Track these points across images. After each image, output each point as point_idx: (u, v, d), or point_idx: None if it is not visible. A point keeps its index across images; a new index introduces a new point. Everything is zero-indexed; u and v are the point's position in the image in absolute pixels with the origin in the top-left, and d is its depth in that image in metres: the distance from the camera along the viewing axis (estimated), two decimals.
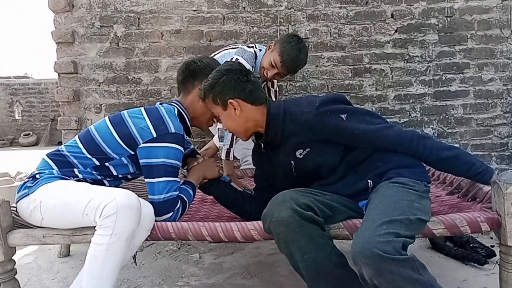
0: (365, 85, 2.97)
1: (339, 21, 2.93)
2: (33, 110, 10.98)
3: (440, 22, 2.94)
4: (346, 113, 1.45)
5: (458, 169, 1.50)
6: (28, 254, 2.44)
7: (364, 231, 1.20)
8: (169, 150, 1.51)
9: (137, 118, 1.56)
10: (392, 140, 1.45)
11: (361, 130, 1.43)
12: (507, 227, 1.35)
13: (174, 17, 2.90)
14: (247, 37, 2.92)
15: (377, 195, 1.36)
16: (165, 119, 1.54)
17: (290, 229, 1.29)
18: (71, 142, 1.61)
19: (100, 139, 1.56)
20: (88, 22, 2.91)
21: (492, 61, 2.96)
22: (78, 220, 1.42)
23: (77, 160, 1.56)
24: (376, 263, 1.12)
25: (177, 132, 1.53)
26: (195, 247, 2.47)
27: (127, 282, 2.02)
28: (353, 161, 1.50)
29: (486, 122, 2.99)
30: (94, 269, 1.35)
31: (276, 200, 1.35)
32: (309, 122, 1.45)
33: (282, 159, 1.56)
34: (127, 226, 1.35)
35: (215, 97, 1.54)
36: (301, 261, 1.31)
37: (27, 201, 1.49)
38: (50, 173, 1.52)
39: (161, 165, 1.50)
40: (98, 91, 2.96)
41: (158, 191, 1.50)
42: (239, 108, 1.52)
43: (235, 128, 1.59)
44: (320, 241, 1.30)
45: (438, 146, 1.47)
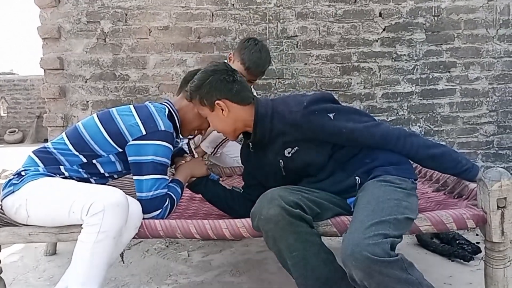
0: (354, 83, 2.98)
1: (328, 19, 2.94)
2: (18, 107, 10.81)
3: (427, 21, 2.96)
4: (334, 112, 1.46)
5: (444, 166, 1.52)
6: (14, 253, 2.41)
7: (353, 233, 1.21)
8: (158, 148, 1.50)
9: (126, 116, 1.54)
10: (379, 139, 1.46)
11: (348, 129, 1.44)
12: (492, 223, 1.38)
13: (162, 13, 2.88)
14: (236, 34, 2.91)
15: (365, 195, 1.36)
16: (155, 117, 1.53)
17: (279, 227, 1.29)
18: (58, 139, 1.59)
19: (88, 136, 1.54)
20: (74, 17, 2.87)
21: (478, 60, 3.00)
22: (64, 218, 1.40)
23: (64, 157, 1.54)
24: (366, 265, 1.14)
25: (166, 130, 1.53)
26: (183, 245, 2.46)
27: (114, 280, 2.01)
28: (341, 158, 1.51)
29: (472, 121, 3.03)
30: (81, 267, 1.34)
31: (265, 198, 1.35)
32: (297, 122, 1.45)
33: (271, 158, 1.55)
34: (114, 224, 1.34)
35: (202, 98, 1.53)
36: (289, 258, 1.31)
37: (12, 198, 1.46)
38: (35, 170, 1.50)
39: (150, 163, 1.49)
40: (84, 88, 2.92)
41: (146, 189, 1.49)
42: (227, 109, 1.51)
43: (223, 129, 1.58)
44: (308, 238, 1.31)
45: (424, 144, 1.48)
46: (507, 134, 3.04)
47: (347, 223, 1.38)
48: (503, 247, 1.39)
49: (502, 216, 1.38)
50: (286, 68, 2.95)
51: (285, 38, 2.94)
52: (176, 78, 2.91)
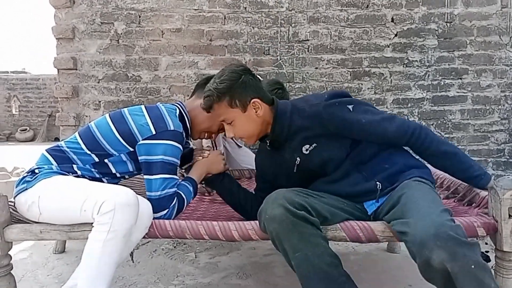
0: (364, 88, 2.98)
1: (340, 24, 2.94)
2: (30, 105, 10.93)
3: (439, 28, 2.95)
4: (352, 104, 1.49)
5: (455, 167, 1.50)
6: (24, 250, 2.43)
7: (430, 216, 1.19)
8: (167, 147, 1.51)
9: (137, 116, 1.56)
10: (397, 128, 1.47)
11: (367, 119, 1.46)
12: (503, 232, 1.36)
13: (175, 16, 2.91)
14: (247, 37, 2.92)
15: (411, 189, 1.36)
16: (165, 117, 1.55)
17: (283, 227, 1.29)
18: (71, 138, 1.61)
19: (100, 135, 1.56)
20: (88, 18, 2.91)
21: (490, 67, 2.98)
22: (76, 216, 1.41)
23: (77, 156, 1.56)
24: (451, 246, 1.12)
25: (176, 130, 1.54)
26: (191, 246, 2.47)
27: (122, 279, 2.02)
28: (358, 159, 1.50)
29: (484, 128, 3.01)
30: (90, 265, 1.35)
31: (270, 198, 1.35)
32: (319, 113, 1.46)
33: (287, 157, 1.55)
34: (125, 223, 1.35)
35: (233, 98, 1.47)
36: (293, 258, 1.31)
37: (25, 196, 1.48)
38: (49, 168, 1.52)
39: (159, 162, 1.50)
40: (97, 88, 2.95)
41: (155, 188, 1.50)
42: (261, 107, 1.50)
43: (252, 131, 1.53)
44: (312, 240, 1.30)
45: (439, 139, 1.49)
46: None
47: (356, 228, 1.38)
48: None
49: None
50: (296, 72, 2.96)
51: (297, 42, 2.95)
52: (188, 80, 2.93)
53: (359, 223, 1.39)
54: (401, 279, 1.99)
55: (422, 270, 1.20)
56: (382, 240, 1.40)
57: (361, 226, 1.38)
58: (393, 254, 2.30)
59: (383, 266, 2.15)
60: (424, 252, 1.14)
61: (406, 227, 1.22)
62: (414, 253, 1.19)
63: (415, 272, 2.06)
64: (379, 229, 1.37)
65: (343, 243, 2.34)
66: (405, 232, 1.22)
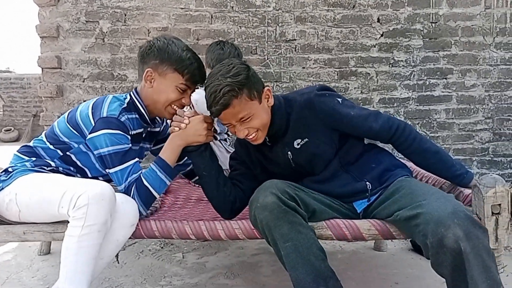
0: (351, 88, 2.99)
1: (326, 24, 2.95)
2: (15, 105, 10.75)
3: (425, 28, 2.98)
4: (341, 98, 1.53)
5: (437, 165, 1.52)
6: (8, 252, 2.40)
7: (445, 197, 1.25)
8: (104, 138, 1.45)
9: (85, 105, 1.55)
10: (382, 123, 1.49)
11: (355, 112, 1.49)
12: (487, 229, 1.38)
13: (162, 14, 2.89)
14: (234, 36, 2.91)
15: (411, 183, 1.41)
16: (103, 104, 1.50)
17: (274, 214, 1.30)
18: (38, 137, 1.64)
19: (58, 129, 1.58)
20: (73, 16, 2.87)
21: (475, 67, 3.02)
22: (55, 212, 1.39)
23: (43, 151, 1.59)
24: (468, 225, 1.16)
25: (108, 115, 1.46)
26: (178, 247, 2.45)
27: (108, 281, 2.00)
28: (345, 159, 1.53)
29: (468, 127, 3.05)
30: (68, 262, 1.33)
31: (262, 187, 1.37)
32: (311, 101, 1.48)
33: (279, 151, 1.54)
34: (99, 217, 1.33)
35: (252, 89, 1.38)
36: (282, 248, 1.31)
37: (2, 195, 1.47)
38: (23, 165, 1.53)
39: (107, 155, 1.47)
40: (82, 87, 2.92)
41: (118, 181, 1.48)
42: (270, 95, 1.49)
43: (267, 122, 1.45)
44: (301, 230, 1.31)
45: (422, 137, 1.53)
46: (502, 142, 3.06)
47: (342, 226, 1.39)
48: (497, 254, 1.39)
49: (496, 223, 1.38)
50: (284, 71, 2.96)
51: (284, 41, 2.95)
52: None
53: (345, 221, 1.40)
54: (387, 277, 2.01)
55: (433, 252, 1.20)
56: (368, 238, 1.41)
57: (347, 224, 1.39)
58: (379, 253, 2.32)
59: (370, 264, 2.17)
60: (440, 229, 1.16)
61: (419, 208, 1.24)
62: (428, 233, 1.19)
63: (401, 270, 2.10)
64: (365, 227, 1.39)
65: (330, 241, 2.36)
66: (419, 213, 1.22)
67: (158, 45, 1.53)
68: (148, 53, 1.55)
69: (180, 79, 1.53)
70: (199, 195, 2.02)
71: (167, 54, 1.52)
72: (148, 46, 1.56)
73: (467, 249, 1.14)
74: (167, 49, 1.52)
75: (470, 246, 1.14)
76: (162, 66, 1.53)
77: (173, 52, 1.52)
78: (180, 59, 1.52)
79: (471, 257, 1.13)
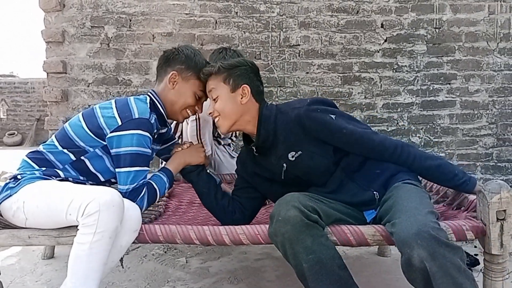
0: (354, 93, 3.00)
1: (330, 29, 2.96)
2: (18, 109, 10.81)
3: (428, 33, 2.99)
4: (335, 114, 1.51)
5: (440, 178, 1.54)
6: (11, 256, 2.40)
7: (415, 216, 1.22)
8: (132, 137, 1.49)
9: (105, 109, 1.55)
10: (377, 144, 1.48)
11: (349, 130, 1.47)
12: (492, 235, 1.38)
13: (166, 20, 2.90)
14: (238, 42, 2.93)
15: (400, 191, 1.40)
16: (130, 105, 1.53)
17: (297, 228, 1.30)
18: (48, 141, 1.62)
19: (72, 133, 1.56)
20: (79, 22, 2.89)
21: (478, 72, 3.02)
22: (62, 220, 1.40)
23: (54, 156, 1.55)
24: (431, 245, 1.15)
25: (140, 117, 1.50)
26: (181, 251, 2.45)
27: (112, 285, 2.00)
28: (349, 167, 1.52)
29: (472, 133, 3.05)
30: (78, 269, 1.33)
31: (283, 201, 1.37)
32: (300, 117, 1.48)
33: (274, 162, 1.56)
34: (110, 224, 1.33)
35: (229, 76, 1.53)
36: (305, 261, 1.31)
37: (9, 202, 1.47)
38: (32, 174, 1.51)
39: (127, 154, 1.48)
40: (87, 92, 2.93)
41: (124, 181, 1.49)
42: (247, 97, 1.53)
43: (229, 112, 1.54)
44: (324, 242, 1.32)
45: (421, 155, 1.51)
46: (506, 147, 3.06)
47: (346, 231, 1.38)
48: (502, 259, 1.39)
49: (501, 228, 1.38)
50: (287, 76, 2.97)
51: (287, 46, 2.96)
52: None
53: (350, 227, 1.40)
54: (391, 282, 2.00)
55: (404, 269, 1.23)
56: (372, 244, 1.41)
57: (351, 230, 1.39)
58: (383, 258, 2.32)
59: (373, 270, 2.16)
60: (406, 250, 1.19)
61: (393, 227, 1.26)
62: (399, 251, 1.23)
63: None
64: (369, 233, 1.38)
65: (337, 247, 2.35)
66: (392, 232, 1.26)
67: (186, 53, 1.66)
68: (175, 58, 1.65)
69: (200, 86, 1.65)
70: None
71: (193, 62, 1.64)
72: (176, 52, 1.66)
73: (433, 269, 1.15)
74: (194, 58, 1.65)
75: (437, 265, 1.15)
76: (187, 71, 1.64)
77: (199, 61, 1.65)
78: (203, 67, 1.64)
79: (438, 276, 1.15)
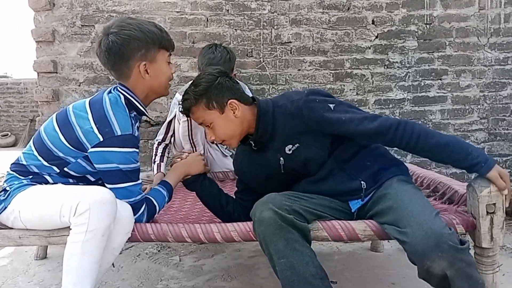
0: (346, 89, 3.01)
1: (321, 26, 2.96)
2: (11, 110, 10.72)
3: (419, 29, 3.00)
4: (334, 103, 1.47)
5: (451, 159, 1.40)
6: (4, 257, 2.39)
7: (427, 224, 1.22)
8: (119, 155, 1.40)
9: (81, 118, 1.43)
10: (378, 125, 1.41)
11: (347, 117, 1.43)
12: (482, 229, 1.39)
13: (157, 18, 2.89)
14: (230, 39, 2.92)
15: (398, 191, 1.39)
16: (110, 117, 1.40)
17: (270, 230, 1.29)
18: (27, 150, 1.53)
19: (50, 144, 1.47)
20: (69, 21, 2.87)
21: (469, 68, 3.03)
22: (57, 222, 1.39)
23: (38, 169, 1.50)
24: (451, 255, 1.19)
25: (123, 134, 1.40)
26: (175, 250, 2.45)
27: (105, 285, 1.99)
28: (341, 157, 1.51)
29: (463, 128, 3.06)
30: (71, 268, 1.33)
31: (261, 201, 1.36)
32: (299, 109, 1.45)
33: (271, 157, 1.54)
34: (102, 222, 1.32)
35: (210, 100, 1.49)
36: (277, 264, 1.31)
37: (6, 214, 1.47)
38: (20, 183, 1.48)
39: (116, 171, 1.41)
40: (78, 91, 2.92)
41: (123, 197, 1.44)
42: (239, 108, 1.50)
43: (232, 132, 1.52)
44: (297, 247, 1.30)
45: (428, 131, 1.41)
46: (497, 142, 3.08)
47: (337, 227, 1.39)
48: (492, 253, 1.40)
49: (491, 222, 1.39)
50: (279, 73, 2.97)
51: (279, 44, 2.96)
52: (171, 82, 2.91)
53: (341, 222, 1.41)
54: (384, 277, 2.01)
55: (421, 276, 1.26)
56: (363, 239, 1.41)
57: (342, 226, 1.39)
58: (376, 253, 2.33)
59: (366, 265, 2.17)
60: (426, 262, 1.21)
61: (404, 236, 1.25)
62: (414, 262, 1.25)
63: (398, 270, 2.10)
64: (361, 228, 1.39)
65: (327, 242, 2.36)
66: (405, 241, 1.25)
67: (135, 35, 1.44)
68: (129, 48, 1.44)
69: (166, 53, 1.55)
70: (195, 197, 2.02)
71: (148, 38, 1.46)
72: (123, 40, 1.43)
73: (452, 274, 1.20)
74: (144, 34, 1.45)
75: (455, 270, 1.20)
76: (150, 52, 1.48)
77: (150, 31, 1.47)
78: (158, 35, 1.49)
79: (456, 279, 1.20)
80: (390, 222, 1.32)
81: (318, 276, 1.30)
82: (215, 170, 2.42)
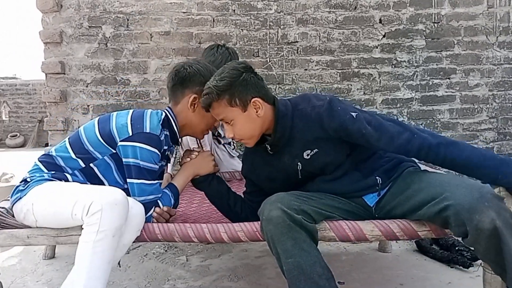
0: (353, 89, 2.99)
1: (328, 26, 2.95)
2: (20, 111, 10.83)
3: (427, 28, 2.97)
4: (356, 112, 1.42)
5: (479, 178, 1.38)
6: (12, 256, 2.40)
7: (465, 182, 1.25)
8: (141, 151, 1.48)
9: (120, 117, 1.55)
10: (399, 146, 1.38)
11: (368, 131, 1.38)
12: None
13: (164, 19, 2.90)
14: (236, 40, 2.92)
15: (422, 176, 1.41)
16: (145, 118, 1.52)
17: (278, 230, 1.28)
18: (61, 144, 1.60)
19: (85, 138, 1.55)
20: (76, 22, 2.89)
21: (478, 67, 3.01)
22: (69, 220, 1.40)
23: (64, 161, 1.55)
24: (497, 203, 1.19)
25: (151, 132, 1.49)
26: (182, 250, 2.45)
27: (112, 284, 2.00)
28: (358, 157, 1.49)
29: (472, 127, 3.04)
30: (82, 268, 1.33)
31: (269, 200, 1.35)
32: (320, 116, 1.41)
33: (288, 162, 1.50)
34: (113, 223, 1.34)
35: (233, 97, 1.41)
36: (284, 263, 1.30)
37: (20, 204, 1.49)
38: (40, 176, 1.52)
39: (136, 166, 1.48)
40: (85, 92, 2.93)
41: (133, 193, 1.49)
42: (262, 107, 1.43)
43: (252, 132, 1.46)
44: (305, 247, 1.29)
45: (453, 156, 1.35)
46: (507, 141, 3.04)
47: (345, 227, 1.38)
48: None
49: None
50: (286, 73, 2.96)
51: (286, 44, 2.95)
52: None
53: (348, 222, 1.40)
54: (392, 278, 2.00)
55: (474, 240, 1.21)
56: (371, 239, 1.40)
57: (350, 226, 1.38)
58: (384, 254, 2.31)
59: (374, 266, 2.15)
60: (474, 216, 1.18)
61: (445, 201, 1.23)
62: (462, 222, 1.20)
63: (406, 271, 2.08)
64: (368, 228, 1.38)
65: (335, 243, 2.35)
66: (447, 205, 1.22)
67: (204, 73, 1.58)
68: (193, 80, 1.59)
69: None
70: (202, 197, 2.02)
71: None
72: (192, 71, 1.59)
73: (501, 224, 1.17)
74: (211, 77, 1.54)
75: (503, 221, 1.17)
76: None
77: None
78: None
79: (504, 229, 1.17)
80: (424, 201, 1.29)
81: (324, 277, 1.29)
82: (221, 171, 2.42)
